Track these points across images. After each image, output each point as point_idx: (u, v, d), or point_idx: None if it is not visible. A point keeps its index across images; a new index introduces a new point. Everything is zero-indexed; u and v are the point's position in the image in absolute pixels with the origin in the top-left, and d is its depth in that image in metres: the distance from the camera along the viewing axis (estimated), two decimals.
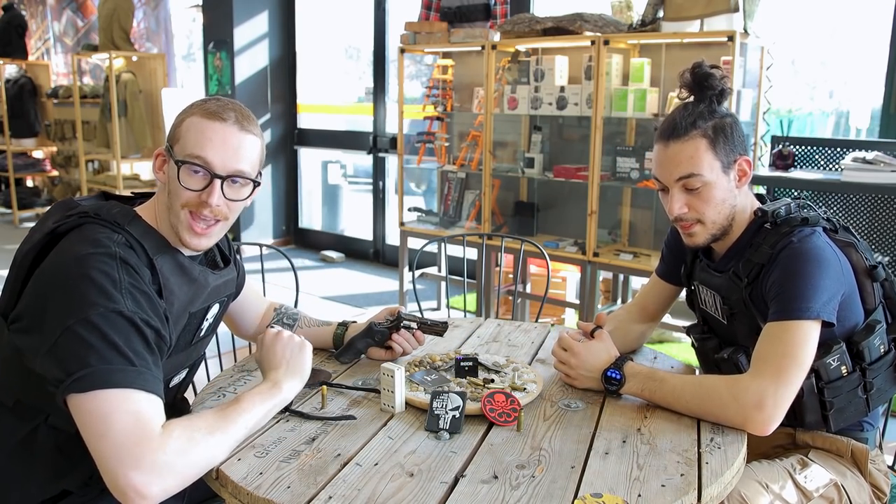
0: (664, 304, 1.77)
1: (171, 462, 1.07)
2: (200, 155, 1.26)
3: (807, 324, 1.33)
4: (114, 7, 6.03)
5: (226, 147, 1.27)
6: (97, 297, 1.14)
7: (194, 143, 1.26)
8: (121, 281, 1.17)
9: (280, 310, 1.73)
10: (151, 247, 1.26)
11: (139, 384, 1.11)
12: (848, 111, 4.12)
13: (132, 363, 1.12)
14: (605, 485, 1.12)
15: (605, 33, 3.44)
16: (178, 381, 1.46)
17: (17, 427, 1.28)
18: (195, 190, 1.27)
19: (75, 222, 1.24)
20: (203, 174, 1.27)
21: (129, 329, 1.15)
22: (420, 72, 5.77)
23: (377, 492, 1.09)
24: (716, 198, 1.44)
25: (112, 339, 1.12)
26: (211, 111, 1.28)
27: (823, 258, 1.37)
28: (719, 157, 1.42)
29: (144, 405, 1.10)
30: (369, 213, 6.06)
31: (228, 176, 1.28)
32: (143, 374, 1.13)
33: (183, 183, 1.27)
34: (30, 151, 7.63)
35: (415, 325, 1.62)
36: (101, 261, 1.17)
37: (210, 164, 1.26)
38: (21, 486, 1.29)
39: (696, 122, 1.42)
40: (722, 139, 1.42)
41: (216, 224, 1.31)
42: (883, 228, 3.16)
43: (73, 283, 1.15)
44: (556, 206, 4.07)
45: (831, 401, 1.42)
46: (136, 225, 1.27)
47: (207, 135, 1.26)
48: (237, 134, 1.28)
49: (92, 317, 1.12)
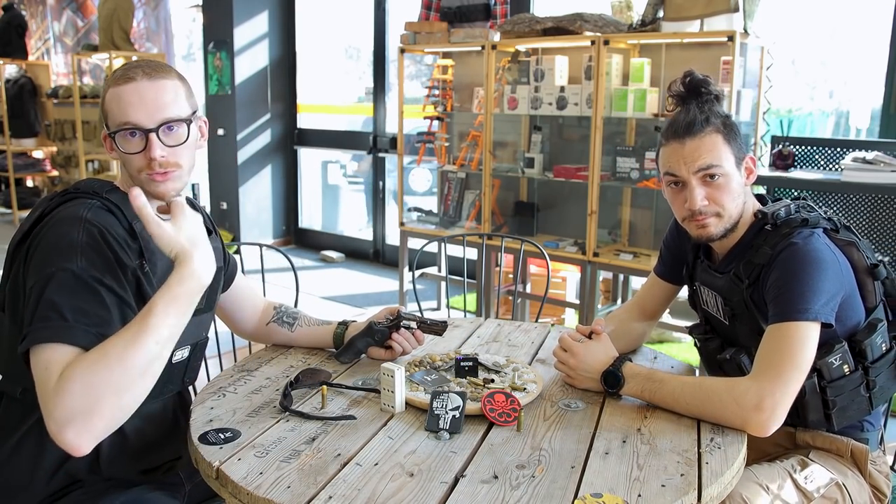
0: (663, 303, 1.77)
1: (74, 405, 1.06)
2: (126, 120, 1.29)
3: (806, 325, 1.33)
4: (114, 7, 6.03)
5: (144, 102, 1.29)
6: (53, 258, 1.19)
7: (117, 111, 1.30)
8: (78, 241, 1.21)
9: (279, 309, 1.73)
10: (131, 212, 1.29)
11: (60, 338, 1.13)
12: (848, 111, 4.12)
13: (65, 318, 1.14)
14: (605, 485, 1.12)
15: (605, 33, 3.44)
16: (181, 359, 1.44)
17: (24, 415, 1.30)
18: (137, 152, 1.30)
19: (58, 202, 1.30)
20: (138, 135, 1.30)
21: (75, 286, 1.18)
22: (420, 72, 5.77)
23: (377, 492, 1.09)
24: (734, 190, 1.46)
25: (52, 298, 1.15)
26: (118, 77, 1.31)
27: (822, 260, 1.37)
28: (733, 151, 1.46)
29: (57, 356, 1.11)
30: (370, 213, 6.06)
31: (158, 126, 1.30)
32: (72, 329, 1.14)
33: (124, 149, 1.31)
34: (30, 151, 7.63)
35: (414, 324, 1.62)
36: (64, 224, 1.23)
37: (137, 123, 1.29)
38: (27, 478, 1.30)
39: (709, 119, 1.45)
40: (733, 135, 1.46)
41: (172, 171, 1.33)
42: (883, 228, 3.16)
43: (39, 251, 1.22)
44: (556, 206, 4.07)
45: (834, 399, 1.42)
46: (115, 193, 1.33)
47: (125, 99, 1.29)
48: (148, 85, 1.30)
49: (45, 276, 1.17)
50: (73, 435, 1.06)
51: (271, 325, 1.71)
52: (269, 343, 1.75)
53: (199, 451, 1.22)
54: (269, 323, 1.71)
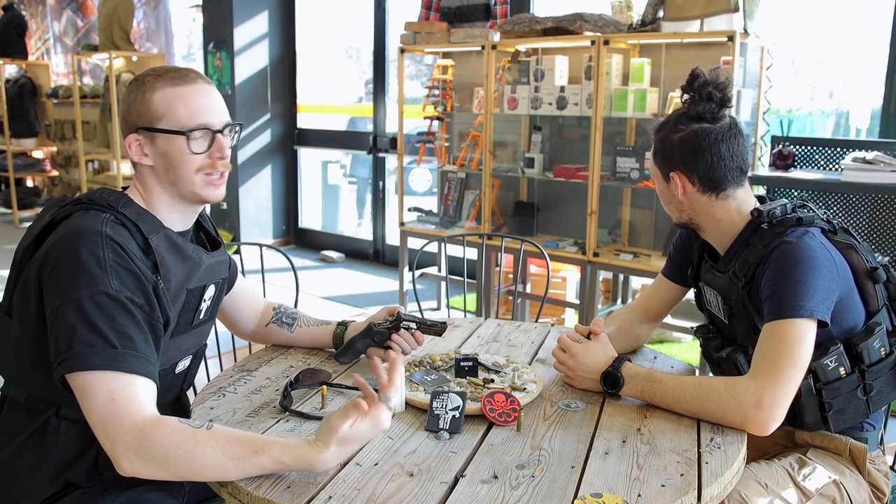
0: (668, 304, 1.77)
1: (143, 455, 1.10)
2: (202, 122, 1.31)
3: (801, 322, 1.33)
4: (114, 7, 6.03)
5: (213, 104, 1.33)
6: (83, 278, 1.17)
7: (185, 112, 1.30)
8: (105, 259, 1.20)
9: (279, 309, 1.73)
10: (146, 227, 1.29)
11: (116, 366, 1.14)
12: (848, 111, 4.12)
13: (113, 345, 1.15)
14: (605, 485, 1.12)
15: (605, 33, 3.44)
16: (183, 368, 1.46)
17: (28, 422, 1.30)
18: (204, 152, 1.32)
19: (70, 210, 1.28)
20: (204, 135, 1.32)
21: (114, 308, 1.18)
22: (420, 72, 5.77)
23: (377, 492, 1.09)
24: (662, 198, 1.59)
25: (94, 322, 1.15)
26: (177, 78, 1.32)
27: (815, 258, 1.37)
28: (657, 165, 1.56)
29: (120, 385, 1.14)
30: (369, 212, 6.06)
31: (224, 127, 1.34)
32: (123, 356, 1.16)
33: (194, 150, 1.31)
34: (30, 151, 7.63)
35: (414, 325, 1.62)
36: (87, 239, 1.21)
37: (210, 124, 1.32)
38: (28, 479, 1.30)
39: (654, 132, 1.57)
40: (660, 153, 1.55)
41: (226, 173, 1.38)
42: (883, 228, 3.16)
43: (63, 265, 1.20)
44: (556, 206, 4.07)
45: (830, 402, 1.42)
46: (129, 207, 1.31)
47: (195, 100, 1.31)
48: (208, 88, 1.34)
49: (78, 298, 1.16)
50: (127, 467, 1.12)
51: (271, 325, 1.71)
52: (268, 343, 1.75)
53: None
54: (269, 324, 1.71)
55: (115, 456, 1.12)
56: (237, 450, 1.12)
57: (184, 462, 1.10)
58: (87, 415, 1.15)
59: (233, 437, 1.13)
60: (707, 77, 1.48)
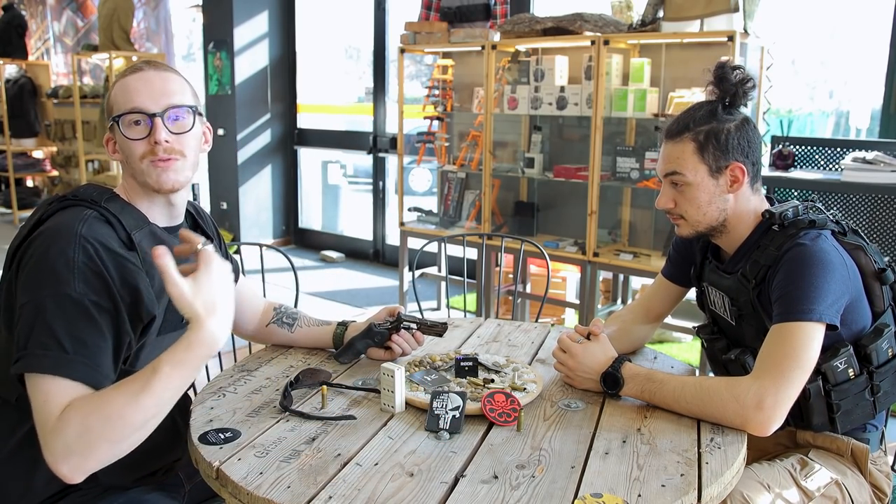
0: (669, 305, 1.76)
1: (70, 445, 1.08)
2: (132, 106, 1.29)
3: (809, 326, 1.33)
4: (114, 7, 6.03)
5: (151, 88, 1.30)
6: (49, 278, 1.17)
7: (123, 100, 1.30)
8: (75, 260, 1.18)
9: (279, 309, 1.73)
10: (129, 222, 1.29)
11: (64, 372, 1.13)
12: (848, 111, 4.12)
13: (65, 350, 1.14)
14: (605, 485, 1.12)
15: (605, 33, 3.44)
16: None
17: (20, 422, 1.29)
18: (141, 138, 1.29)
19: (56, 208, 1.28)
20: (143, 122, 1.29)
21: (74, 312, 1.16)
22: (420, 72, 5.77)
23: (377, 492, 1.09)
24: (698, 199, 1.49)
25: (50, 324, 1.14)
26: (128, 70, 1.33)
27: (828, 261, 1.37)
28: (706, 161, 1.46)
29: (56, 389, 1.12)
30: (369, 212, 6.06)
31: (164, 111, 1.29)
32: (72, 363, 1.14)
33: (128, 135, 1.29)
34: (30, 151, 7.63)
35: (414, 325, 1.62)
36: (59, 239, 1.20)
37: (143, 107, 1.29)
38: (24, 481, 1.29)
39: (689, 126, 1.47)
40: (712, 145, 1.46)
41: (175, 160, 1.32)
42: (883, 228, 3.16)
43: (33, 264, 1.19)
44: (556, 206, 4.07)
45: (838, 403, 1.42)
46: (113, 202, 1.31)
47: (131, 86, 1.30)
48: (157, 75, 1.31)
49: (42, 298, 1.16)
50: (66, 469, 1.09)
51: (271, 325, 1.71)
52: (268, 343, 1.74)
53: (199, 451, 1.22)
54: (269, 324, 1.71)
55: (53, 466, 1.09)
56: (136, 382, 1.10)
57: (104, 423, 1.08)
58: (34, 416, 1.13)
59: (128, 378, 1.13)
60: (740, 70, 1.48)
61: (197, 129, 1.35)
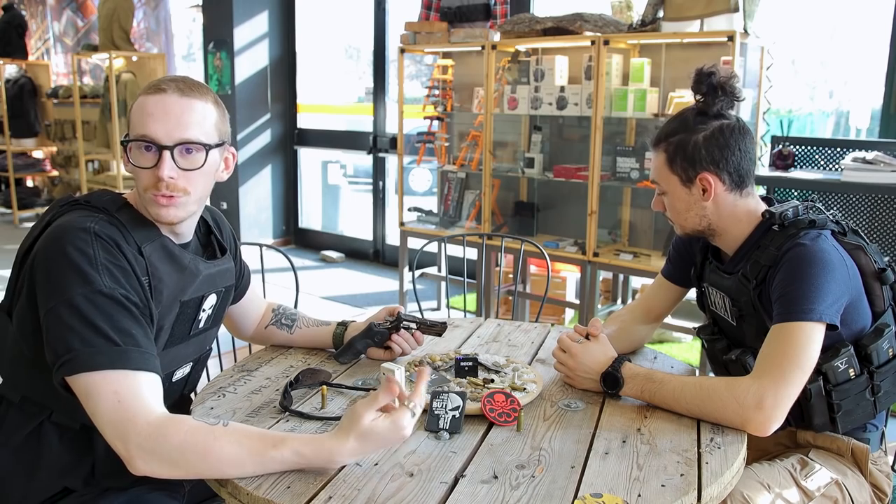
0: (669, 305, 1.76)
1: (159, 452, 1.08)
2: (144, 132, 1.22)
3: (809, 326, 1.33)
4: (114, 7, 6.03)
5: (168, 117, 1.22)
6: (75, 277, 1.14)
7: (138, 122, 1.23)
8: (96, 257, 1.17)
9: (278, 310, 1.73)
10: (140, 234, 1.26)
11: (121, 364, 1.12)
12: (848, 111, 4.12)
13: (115, 343, 1.13)
14: (605, 485, 1.12)
15: (605, 33, 3.44)
16: (182, 376, 1.45)
17: (22, 423, 1.29)
18: (148, 167, 1.23)
19: (67, 210, 1.27)
20: (153, 150, 1.23)
21: (110, 306, 1.15)
22: (420, 72, 5.77)
23: (377, 492, 1.09)
24: (676, 207, 1.54)
25: (93, 321, 1.13)
26: (151, 86, 1.25)
27: (828, 261, 1.37)
28: (676, 172, 1.50)
29: (126, 383, 1.12)
30: (369, 212, 6.06)
31: (175, 145, 1.23)
32: (127, 353, 1.13)
33: (135, 162, 1.24)
34: (30, 151, 7.63)
35: (414, 325, 1.62)
36: (74, 237, 1.18)
37: (154, 137, 1.22)
38: (25, 481, 1.29)
39: (665, 137, 1.51)
40: (679, 156, 1.48)
41: (178, 197, 1.26)
42: (883, 228, 3.16)
43: (52, 265, 1.17)
44: (556, 206, 4.07)
45: (839, 403, 1.42)
46: (125, 212, 1.28)
47: (148, 109, 1.23)
48: (178, 101, 1.23)
49: (72, 298, 1.13)
50: (141, 464, 1.09)
51: (270, 327, 1.71)
52: (268, 344, 1.74)
53: None
54: (269, 325, 1.71)
55: (128, 457, 1.09)
56: (255, 445, 1.10)
57: (201, 459, 1.09)
58: (94, 417, 1.12)
59: (251, 433, 1.12)
60: (721, 74, 1.47)
61: (209, 166, 1.28)
